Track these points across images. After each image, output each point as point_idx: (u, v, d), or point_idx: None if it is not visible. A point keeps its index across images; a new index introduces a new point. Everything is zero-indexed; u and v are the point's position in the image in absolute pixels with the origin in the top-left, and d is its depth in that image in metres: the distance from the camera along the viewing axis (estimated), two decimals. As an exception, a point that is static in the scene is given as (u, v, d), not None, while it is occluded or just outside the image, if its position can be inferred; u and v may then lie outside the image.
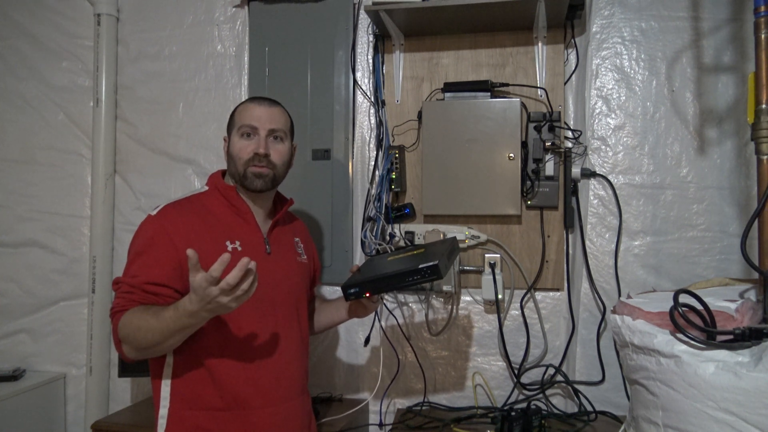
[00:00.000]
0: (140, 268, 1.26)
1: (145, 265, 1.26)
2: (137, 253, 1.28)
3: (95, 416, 2.09)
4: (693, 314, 1.15)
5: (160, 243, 1.27)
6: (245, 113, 1.41)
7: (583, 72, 1.85)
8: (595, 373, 1.81)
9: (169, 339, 1.18)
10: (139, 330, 1.19)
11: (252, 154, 1.37)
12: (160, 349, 1.23)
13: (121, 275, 1.29)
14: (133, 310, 1.21)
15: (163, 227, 1.28)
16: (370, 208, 1.94)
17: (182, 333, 1.18)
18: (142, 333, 1.18)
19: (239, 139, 1.39)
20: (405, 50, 1.97)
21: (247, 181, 1.38)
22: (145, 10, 2.19)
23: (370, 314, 1.56)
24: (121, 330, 1.21)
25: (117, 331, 1.22)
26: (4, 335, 2.28)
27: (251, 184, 1.38)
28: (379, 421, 1.92)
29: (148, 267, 1.26)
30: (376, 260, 1.62)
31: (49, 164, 2.27)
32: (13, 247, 2.29)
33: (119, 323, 1.21)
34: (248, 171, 1.37)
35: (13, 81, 2.30)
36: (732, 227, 1.74)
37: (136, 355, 1.24)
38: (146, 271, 1.25)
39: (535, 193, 1.85)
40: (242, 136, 1.39)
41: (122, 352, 1.24)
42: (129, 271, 1.28)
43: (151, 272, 1.25)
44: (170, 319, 1.15)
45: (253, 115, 1.40)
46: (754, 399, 1.01)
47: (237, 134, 1.40)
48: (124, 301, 1.23)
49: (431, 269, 1.27)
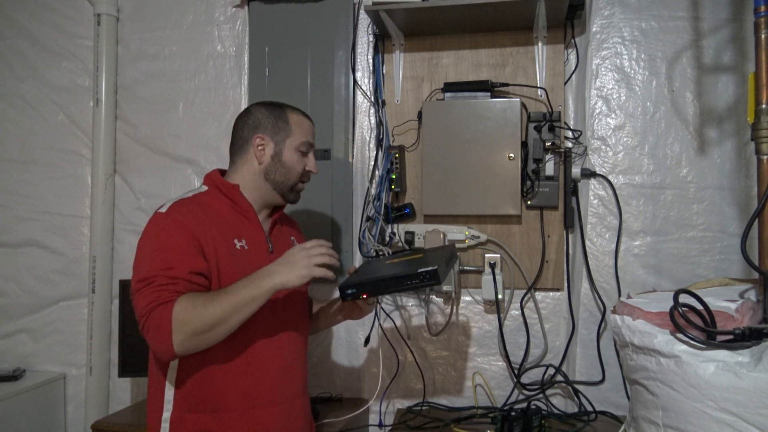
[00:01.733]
0: (173, 261, 1.21)
1: (175, 257, 1.22)
2: (160, 249, 1.24)
3: (95, 416, 2.09)
4: (693, 314, 1.15)
5: (183, 236, 1.24)
6: (305, 128, 1.46)
7: (583, 72, 1.85)
8: (595, 373, 1.81)
9: (236, 313, 1.19)
10: (204, 307, 1.17)
11: (305, 170, 1.45)
12: (217, 333, 1.19)
13: (142, 274, 1.21)
14: (187, 295, 1.18)
15: (180, 222, 1.26)
16: (369, 208, 1.94)
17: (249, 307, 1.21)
18: (206, 311, 1.17)
19: (299, 155, 1.44)
20: (405, 50, 1.97)
21: (293, 195, 1.46)
22: (145, 10, 2.19)
23: (364, 317, 1.56)
24: (177, 315, 1.16)
25: (170, 320, 1.16)
26: (4, 335, 2.28)
27: (294, 199, 1.47)
28: (379, 422, 1.92)
29: (182, 258, 1.22)
30: (374, 262, 1.61)
31: (48, 164, 2.27)
32: (13, 247, 2.29)
33: (173, 311, 1.16)
34: (297, 186, 1.46)
35: (13, 81, 2.30)
36: (732, 227, 1.74)
37: (188, 343, 1.18)
38: (183, 262, 1.22)
39: (535, 193, 1.85)
40: (301, 152, 1.44)
41: (170, 345, 1.17)
42: (156, 265, 1.22)
43: (189, 262, 1.22)
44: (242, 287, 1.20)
45: (310, 132, 1.47)
46: (754, 399, 1.01)
47: (296, 148, 1.43)
48: (168, 293, 1.18)
49: (430, 274, 1.27)
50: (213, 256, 1.27)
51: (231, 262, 1.29)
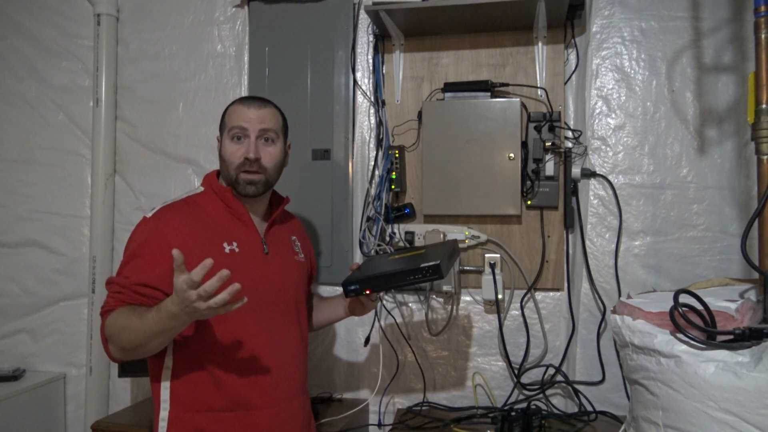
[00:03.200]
0: (132, 270, 1.26)
1: (138, 266, 1.26)
2: (131, 255, 1.28)
3: (95, 416, 2.09)
4: (693, 314, 1.15)
5: (154, 245, 1.27)
6: (234, 114, 1.39)
7: (583, 72, 1.85)
8: (595, 373, 1.81)
9: (152, 340, 1.18)
10: (123, 330, 1.19)
11: (242, 158, 1.35)
12: (143, 351, 1.22)
13: (111, 276, 1.30)
14: (119, 310, 1.21)
15: (158, 229, 1.28)
16: (369, 208, 1.94)
17: (164, 335, 1.18)
18: (126, 333, 1.19)
19: (230, 143, 1.37)
20: (405, 50, 1.97)
21: (240, 187, 1.37)
22: (145, 10, 2.19)
23: (367, 313, 1.56)
24: (107, 329, 1.22)
25: (104, 329, 1.24)
26: (4, 335, 2.28)
27: (243, 190, 1.37)
28: (378, 421, 1.92)
29: (140, 268, 1.26)
30: (376, 259, 1.61)
31: (49, 164, 2.27)
32: (13, 247, 2.29)
33: (106, 322, 1.23)
34: (240, 177, 1.36)
35: (13, 81, 2.30)
36: (732, 227, 1.74)
37: (121, 355, 1.24)
38: (138, 273, 1.25)
39: (535, 193, 1.85)
40: (233, 139, 1.37)
41: (108, 352, 1.26)
42: (122, 272, 1.28)
43: (142, 274, 1.25)
44: (152, 320, 1.14)
45: (243, 117, 1.37)
46: (754, 399, 1.01)
47: (227, 137, 1.38)
48: (113, 301, 1.24)
49: (433, 269, 1.27)
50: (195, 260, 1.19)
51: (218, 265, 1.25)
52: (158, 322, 1.14)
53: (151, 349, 1.23)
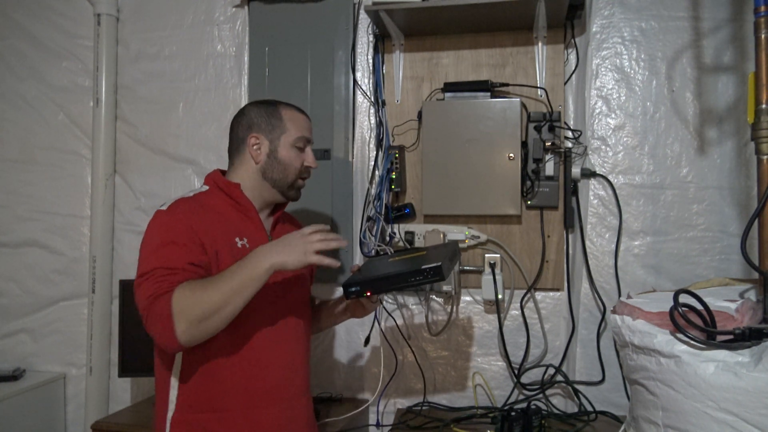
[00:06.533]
0: (172, 254, 1.22)
1: (176, 250, 1.22)
2: (160, 244, 1.24)
3: (95, 416, 2.09)
4: (693, 314, 1.15)
5: (182, 231, 1.25)
6: (299, 123, 1.44)
7: (583, 72, 1.85)
8: (595, 373, 1.81)
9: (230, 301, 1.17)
10: (198, 297, 1.15)
11: (303, 166, 1.44)
12: (219, 319, 1.17)
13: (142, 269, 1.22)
14: (184, 285, 1.17)
15: (180, 218, 1.27)
16: (369, 208, 1.94)
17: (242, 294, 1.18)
18: (205, 297, 1.15)
19: (295, 150, 1.43)
20: (405, 50, 1.97)
21: (292, 192, 1.45)
22: (145, 10, 2.19)
23: (368, 315, 1.56)
24: (175, 305, 1.14)
25: (171, 307, 1.14)
26: (4, 335, 2.28)
27: (295, 196, 1.46)
28: (377, 421, 1.92)
29: (181, 251, 1.22)
30: (376, 261, 1.61)
31: (49, 164, 2.27)
32: (13, 247, 2.29)
33: (173, 300, 1.15)
34: (297, 183, 1.44)
35: (13, 81, 2.31)
36: (732, 227, 1.74)
37: (190, 331, 1.16)
38: (181, 254, 1.22)
39: (535, 193, 1.85)
40: (297, 148, 1.43)
41: (173, 334, 1.15)
42: (156, 260, 1.22)
43: (189, 254, 1.23)
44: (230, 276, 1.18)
45: (307, 127, 1.46)
46: (754, 399, 1.01)
47: (292, 144, 1.42)
48: (167, 283, 1.18)
49: (434, 270, 1.27)
50: (213, 253, 1.27)
51: (232, 260, 1.29)
52: (238, 274, 1.18)
53: (227, 315, 1.18)
